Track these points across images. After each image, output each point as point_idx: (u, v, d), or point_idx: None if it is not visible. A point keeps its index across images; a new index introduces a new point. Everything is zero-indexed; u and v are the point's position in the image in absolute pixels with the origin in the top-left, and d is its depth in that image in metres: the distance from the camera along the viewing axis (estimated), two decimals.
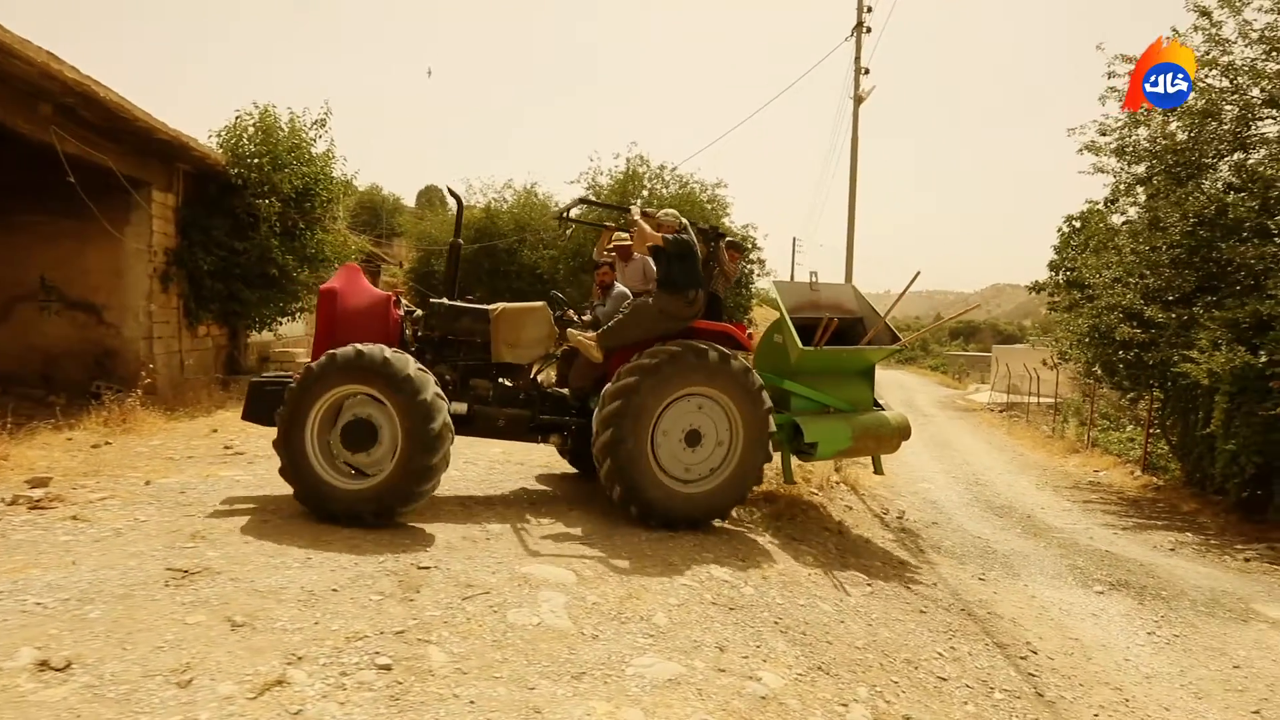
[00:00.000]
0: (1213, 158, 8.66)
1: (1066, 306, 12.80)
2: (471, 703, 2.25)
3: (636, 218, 4.68)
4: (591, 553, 3.85)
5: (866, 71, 9.07)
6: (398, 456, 3.78)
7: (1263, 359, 6.77)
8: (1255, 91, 7.91)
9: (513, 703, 2.28)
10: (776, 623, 3.43)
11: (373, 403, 3.88)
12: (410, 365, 3.84)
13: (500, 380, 4.75)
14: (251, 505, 4.13)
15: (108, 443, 5.91)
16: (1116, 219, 10.73)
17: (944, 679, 3.34)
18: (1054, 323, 14.21)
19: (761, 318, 23.91)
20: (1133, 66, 8.85)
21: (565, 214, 5.99)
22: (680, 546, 4.27)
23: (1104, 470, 12.10)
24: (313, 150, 9.76)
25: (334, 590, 2.92)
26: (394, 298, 4.59)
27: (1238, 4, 8.06)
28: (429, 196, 42.10)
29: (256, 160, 8.77)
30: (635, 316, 4.56)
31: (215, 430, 6.90)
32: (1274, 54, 7.88)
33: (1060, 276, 15.03)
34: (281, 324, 10.52)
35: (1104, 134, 9.11)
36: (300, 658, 2.35)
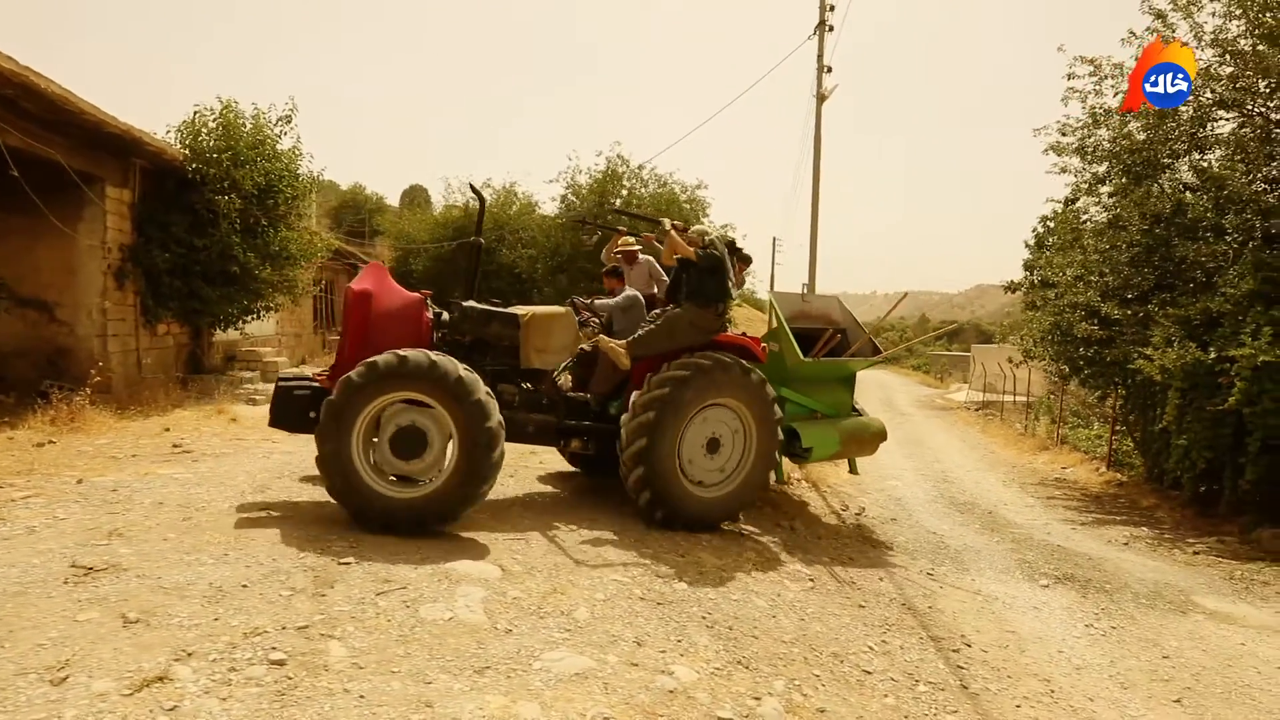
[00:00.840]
0: (1169, 158, 8.78)
1: (1034, 305, 12.93)
2: (361, 697, 2.22)
3: (668, 230, 4.85)
4: (526, 549, 3.83)
5: (829, 70, 9.17)
6: (456, 462, 3.72)
7: (1212, 355, 6.86)
8: (1207, 94, 8.02)
9: (405, 697, 2.26)
10: (704, 618, 3.42)
11: (417, 410, 3.76)
12: (480, 387, 3.77)
13: (524, 385, 4.71)
14: (182, 503, 4.06)
15: (51, 441, 5.81)
16: (1084, 217, 10.87)
17: (869, 672, 3.34)
18: (1021, 321, 14.39)
19: (741, 317, 23.97)
20: (1091, 69, 9.05)
21: (595, 220, 6.15)
22: (622, 542, 4.27)
23: (1071, 467, 12.23)
24: (277, 147, 9.66)
25: (244, 586, 2.88)
26: (425, 300, 4.53)
27: (1190, 7, 8.17)
28: (413, 196, 41.93)
29: (216, 156, 8.66)
30: (667, 327, 4.70)
31: (168, 429, 6.81)
32: (1226, 57, 7.99)
33: (1035, 276, 15.24)
34: (247, 322, 10.39)
35: (1064, 134, 9.22)
36: (190, 654, 2.31)
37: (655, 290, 5.87)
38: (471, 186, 4.95)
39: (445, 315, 4.57)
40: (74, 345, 7.71)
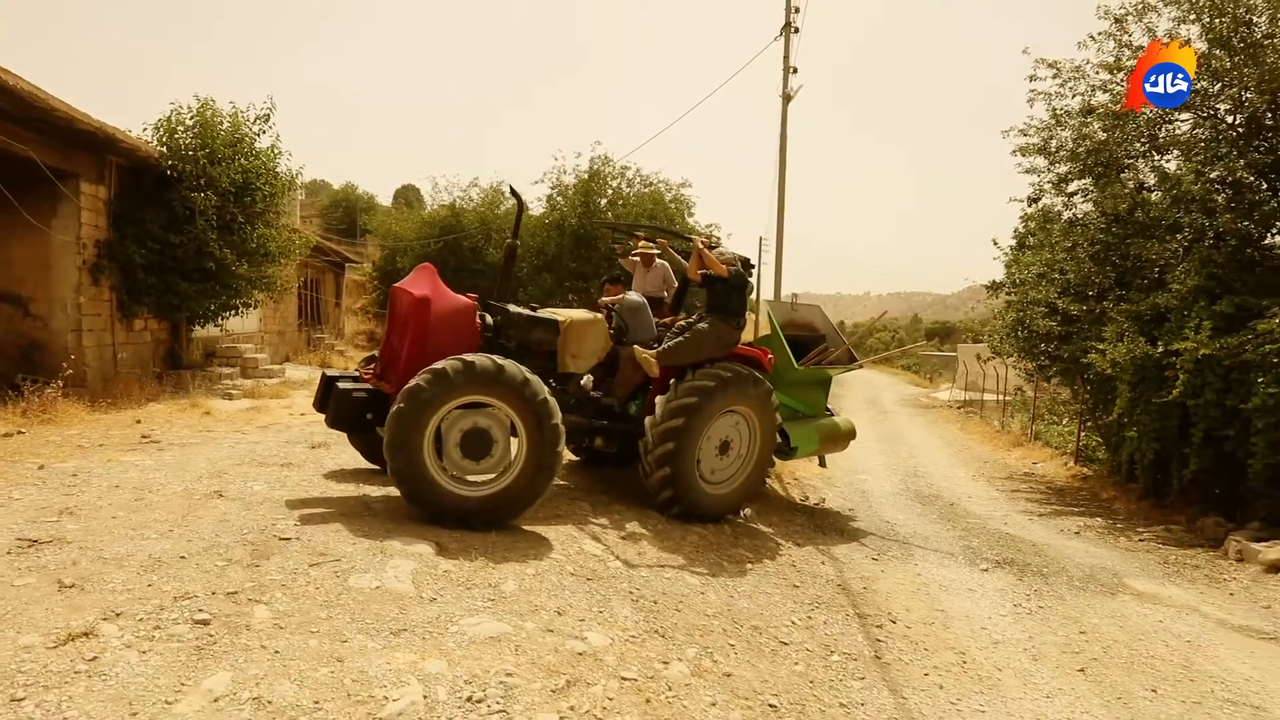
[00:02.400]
0: (1129, 158, 8.99)
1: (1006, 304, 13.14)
2: (276, 652, 2.37)
3: (700, 247, 5.26)
4: (467, 530, 3.97)
5: (795, 70, 9.38)
6: (523, 468, 3.96)
7: (1159, 349, 7.06)
8: None
9: (319, 653, 2.41)
10: (631, 592, 3.59)
11: (477, 412, 3.94)
12: (544, 387, 4.03)
13: (552, 385, 4.89)
14: (138, 486, 4.20)
15: (20, 432, 5.94)
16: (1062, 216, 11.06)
17: (785, 643, 3.51)
18: (989, 318, 14.63)
19: None
20: (1054, 72, 9.26)
21: (629, 229, 6.60)
22: (566, 526, 4.42)
23: (1041, 462, 12.44)
24: (255, 145, 9.80)
25: (182, 558, 3.03)
26: (477, 305, 4.67)
27: (1148, 13, 8.38)
28: (405, 196, 42.08)
29: (193, 154, 8.79)
30: (696, 340, 5.12)
31: (139, 421, 6.94)
32: None
33: (1015, 275, 15.46)
34: (226, 319, 10.51)
35: (1025, 134, 9.43)
36: (118, 614, 2.47)
37: (665, 294, 6.43)
38: (511, 189, 5.07)
39: (489, 319, 4.76)
40: (48, 339, 7.83)
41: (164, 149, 8.78)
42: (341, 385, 4.45)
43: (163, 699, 2.04)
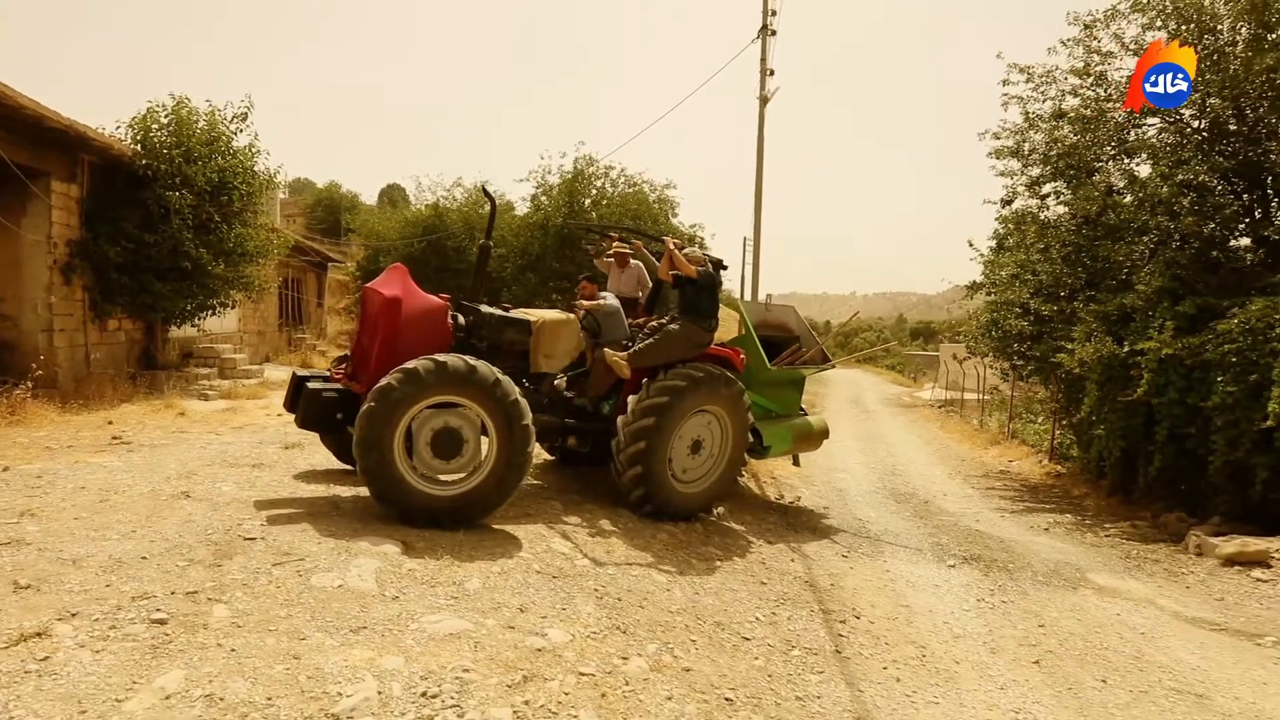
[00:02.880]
0: (1099, 160, 9.16)
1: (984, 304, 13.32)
2: (232, 650, 2.39)
3: (671, 248, 5.30)
4: (435, 529, 3.99)
5: (772, 73, 9.48)
6: (493, 468, 3.99)
7: (1125, 349, 7.22)
8: None
9: (276, 651, 2.43)
10: (595, 590, 3.63)
11: (448, 412, 3.96)
12: (515, 388, 4.08)
13: (526, 385, 4.92)
14: (104, 487, 4.19)
15: None
16: (1044, 215, 11.22)
17: (747, 639, 3.57)
18: (964, 318, 14.84)
19: None
20: (1026, 76, 9.42)
21: (602, 230, 6.48)
22: (536, 526, 4.45)
23: (1017, 460, 12.63)
24: (233, 144, 9.73)
25: (143, 558, 3.03)
26: (449, 305, 4.67)
27: (1116, 20, 8.55)
28: (390, 195, 41.81)
29: (167, 152, 8.72)
30: (666, 341, 5.16)
31: (110, 422, 6.88)
32: None
33: (994, 276, 15.69)
34: (203, 319, 10.42)
35: (999, 137, 9.58)
36: (74, 614, 2.47)
37: (640, 295, 6.50)
38: (484, 189, 5.21)
39: (461, 319, 4.76)
40: (18, 340, 7.74)
41: (138, 147, 8.70)
42: (311, 385, 4.47)
43: (113, 697, 2.06)
